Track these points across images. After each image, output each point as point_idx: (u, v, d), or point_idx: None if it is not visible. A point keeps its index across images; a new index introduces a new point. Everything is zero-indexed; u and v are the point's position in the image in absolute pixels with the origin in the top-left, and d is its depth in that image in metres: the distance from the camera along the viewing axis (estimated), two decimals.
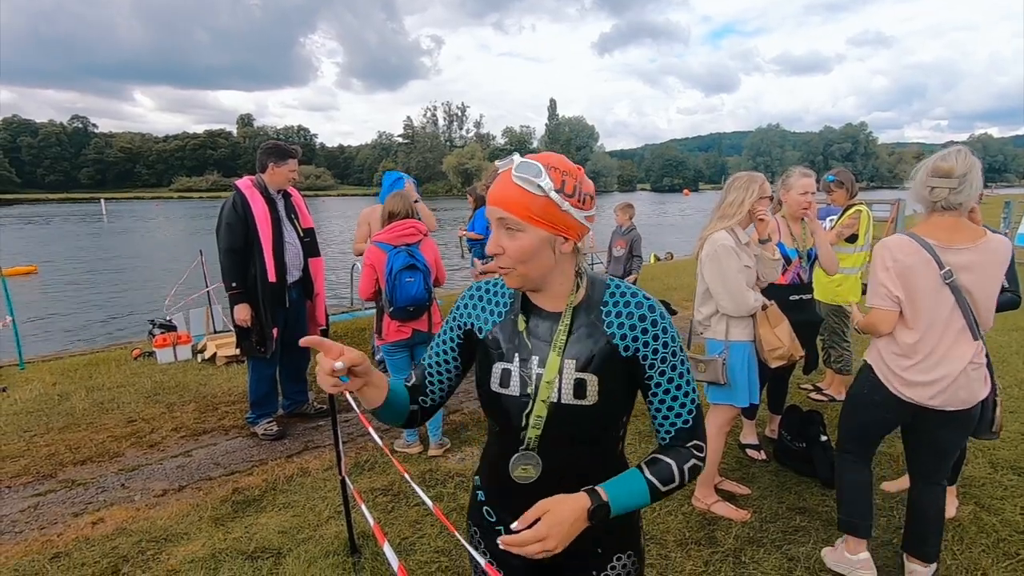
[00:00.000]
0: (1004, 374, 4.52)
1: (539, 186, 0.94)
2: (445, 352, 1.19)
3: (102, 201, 50.38)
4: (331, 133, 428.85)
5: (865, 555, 2.27)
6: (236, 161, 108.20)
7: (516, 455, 1.07)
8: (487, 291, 1.18)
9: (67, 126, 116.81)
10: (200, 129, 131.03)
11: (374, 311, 3.60)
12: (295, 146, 3.87)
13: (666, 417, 1.06)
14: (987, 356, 2.06)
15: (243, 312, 3.58)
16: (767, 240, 2.68)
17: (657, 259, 13.81)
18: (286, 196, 3.83)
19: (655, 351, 1.03)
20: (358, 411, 2.48)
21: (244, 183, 3.65)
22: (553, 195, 0.95)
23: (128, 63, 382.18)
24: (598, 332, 1.04)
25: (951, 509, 2.75)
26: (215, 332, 6.33)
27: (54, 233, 31.27)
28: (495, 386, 1.08)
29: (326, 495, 3.01)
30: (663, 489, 1.01)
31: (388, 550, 1.78)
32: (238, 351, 3.91)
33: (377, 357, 3.83)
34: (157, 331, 5.99)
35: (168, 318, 6.31)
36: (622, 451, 1.19)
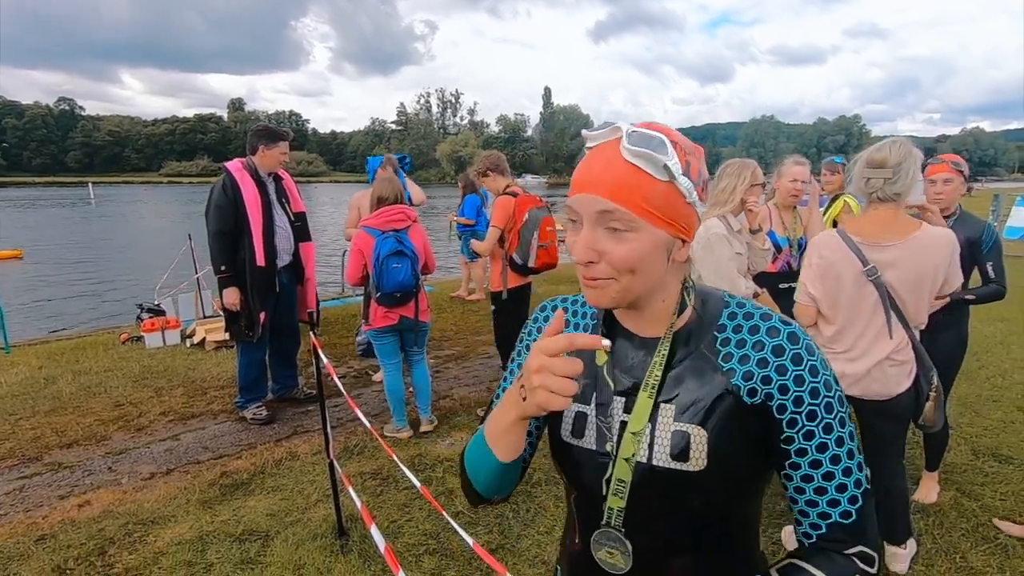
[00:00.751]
0: (987, 364, 4.58)
1: (665, 167, 0.67)
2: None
3: (90, 185, 49.77)
4: (323, 119, 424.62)
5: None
6: (227, 146, 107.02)
7: (596, 533, 0.78)
8: (564, 311, 0.86)
9: (54, 108, 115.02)
10: (190, 113, 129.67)
11: (362, 299, 3.59)
12: (286, 129, 3.82)
13: (812, 504, 0.73)
14: (918, 351, 2.06)
15: (232, 296, 3.56)
16: (757, 230, 2.69)
17: None
18: (277, 179, 3.79)
19: (798, 400, 0.70)
20: (347, 396, 2.48)
21: (234, 165, 3.61)
22: (681, 180, 0.68)
23: (116, 44, 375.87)
24: (709, 367, 0.73)
25: (932, 495, 2.80)
26: (204, 317, 6.29)
27: (41, 217, 30.85)
28: (566, 434, 0.81)
29: (315, 479, 3.01)
30: None
31: (375, 532, 1.79)
32: (227, 335, 3.89)
33: (359, 339, 3.76)
34: (145, 316, 5.94)
35: (157, 303, 6.26)
36: (762, 553, 0.85)
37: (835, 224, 3.93)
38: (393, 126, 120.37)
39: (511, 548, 2.49)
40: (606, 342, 0.64)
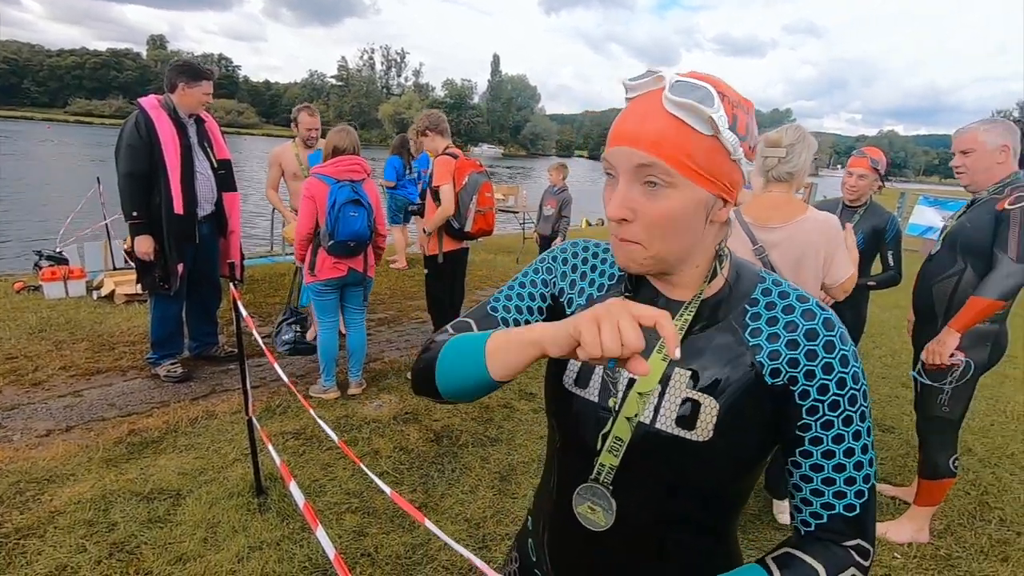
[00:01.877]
0: (881, 345, 5.04)
1: (711, 120, 0.62)
2: (528, 309, 0.84)
3: None
4: (256, 67, 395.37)
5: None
6: (145, 86, 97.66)
7: (582, 487, 0.76)
8: (594, 254, 0.84)
9: None
10: (102, 46, 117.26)
11: (292, 258, 3.42)
12: (211, 68, 3.53)
13: (818, 494, 0.70)
14: None
15: (145, 244, 3.30)
16: None
17: (588, 224, 14.08)
18: (199, 122, 3.52)
19: (823, 388, 0.67)
20: (269, 356, 2.39)
21: (149, 102, 3.31)
22: (726, 135, 0.63)
23: None
24: (734, 341, 0.70)
25: None
26: (114, 269, 5.83)
27: None
28: (568, 382, 0.78)
29: (233, 438, 2.91)
30: None
31: (294, 488, 1.76)
32: (139, 287, 3.63)
33: (285, 336, 3.53)
34: (45, 263, 5.43)
35: (58, 250, 5.73)
36: (736, 535, 0.83)
37: None
38: (333, 81, 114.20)
39: (434, 506, 2.52)
40: (678, 352, 0.56)
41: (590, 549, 0.78)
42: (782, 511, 2.56)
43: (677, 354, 0.56)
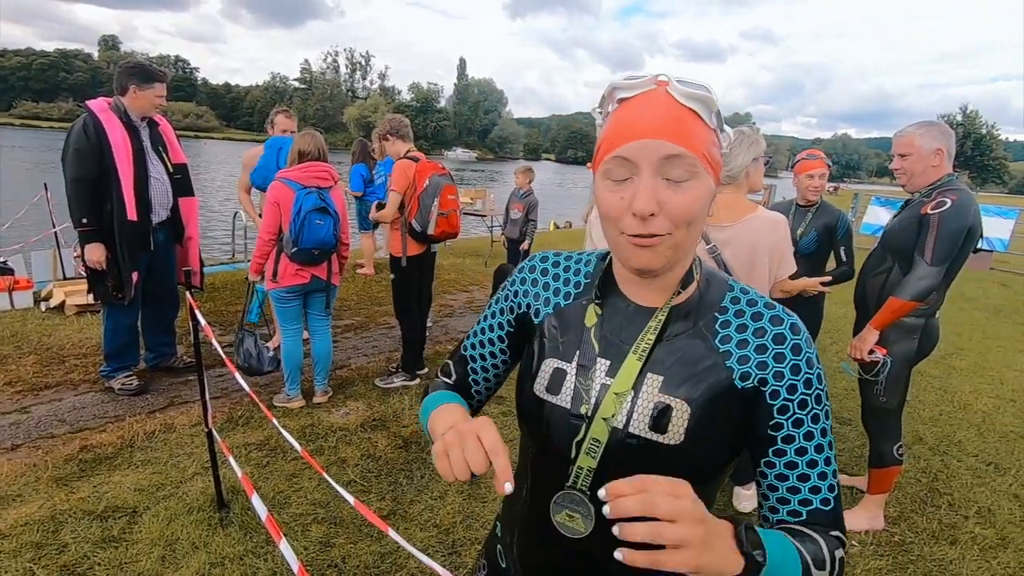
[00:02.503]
0: (838, 340, 5.22)
1: (717, 113, 0.67)
2: (492, 341, 0.89)
3: None
4: (216, 69, 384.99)
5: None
6: (97, 89, 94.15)
7: (559, 494, 0.75)
8: (555, 264, 0.85)
9: None
10: (50, 47, 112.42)
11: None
12: (164, 70, 3.42)
13: (794, 491, 0.70)
14: None
15: (96, 252, 3.17)
16: None
17: (556, 227, 14.17)
18: (152, 125, 3.41)
19: (792, 388, 0.70)
20: (230, 365, 2.32)
21: (98, 104, 3.19)
22: (727, 130, 0.70)
23: None
24: (705, 348, 0.72)
25: None
26: (65, 279, 5.58)
27: None
28: (540, 389, 0.78)
29: (192, 451, 2.81)
30: (814, 573, 0.64)
31: (257, 501, 1.71)
32: (91, 297, 3.48)
33: (260, 289, 3.39)
34: None
35: (2, 259, 5.45)
36: None
37: None
38: (296, 84, 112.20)
39: (403, 514, 2.49)
40: (508, 487, 0.59)
41: (568, 556, 0.78)
42: (742, 499, 2.63)
43: (508, 488, 0.59)
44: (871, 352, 2.36)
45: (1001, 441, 3.55)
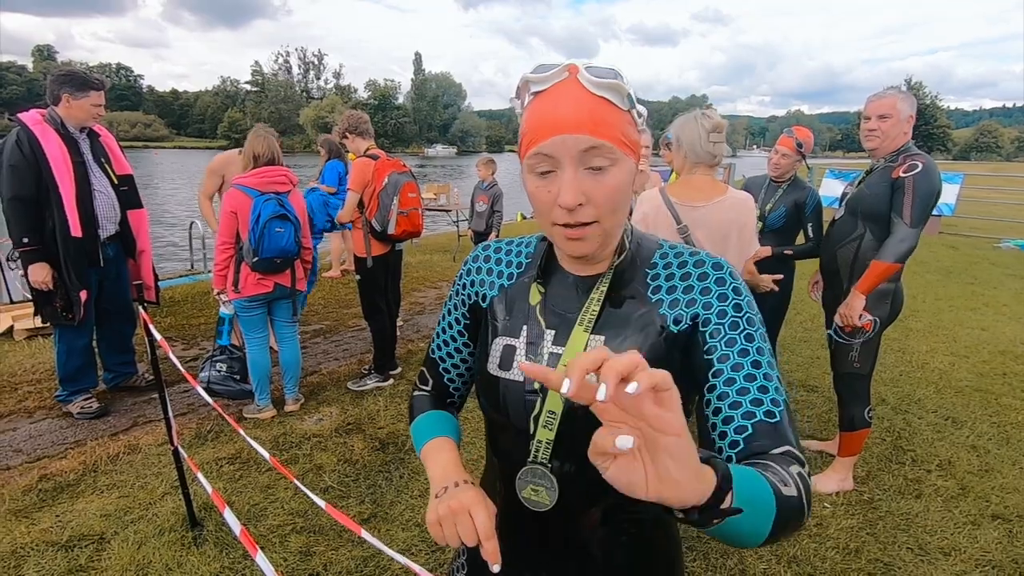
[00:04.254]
0: (802, 311, 5.37)
1: (629, 96, 0.68)
2: (453, 339, 0.92)
3: None
4: (161, 75, 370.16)
5: None
6: (35, 101, 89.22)
7: (522, 470, 0.77)
8: (496, 250, 0.90)
9: None
10: None
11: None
12: (99, 77, 3.26)
13: (736, 406, 0.68)
14: None
15: (40, 272, 3.02)
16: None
17: (524, 217, 14.17)
18: (93, 136, 3.25)
19: (721, 313, 0.72)
20: (191, 380, 2.24)
21: (31, 117, 3.02)
22: (638, 107, 0.71)
23: None
24: (639, 303, 0.75)
25: None
26: (11, 302, 5.32)
27: None
28: (493, 367, 0.81)
29: (160, 471, 2.72)
30: (784, 493, 0.58)
31: (229, 515, 1.66)
32: (38, 319, 3.32)
33: (203, 375, 3.35)
34: None
35: None
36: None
37: None
38: (248, 87, 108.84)
39: (384, 515, 2.46)
40: (496, 568, 0.66)
41: (537, 531, 0.80)
42: None
43: (496, 569, 0.65)
44: (861, 316, 2.41)
45: (957, 396, 3.72)
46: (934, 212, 2.44)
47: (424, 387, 0.97)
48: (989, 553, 2.28)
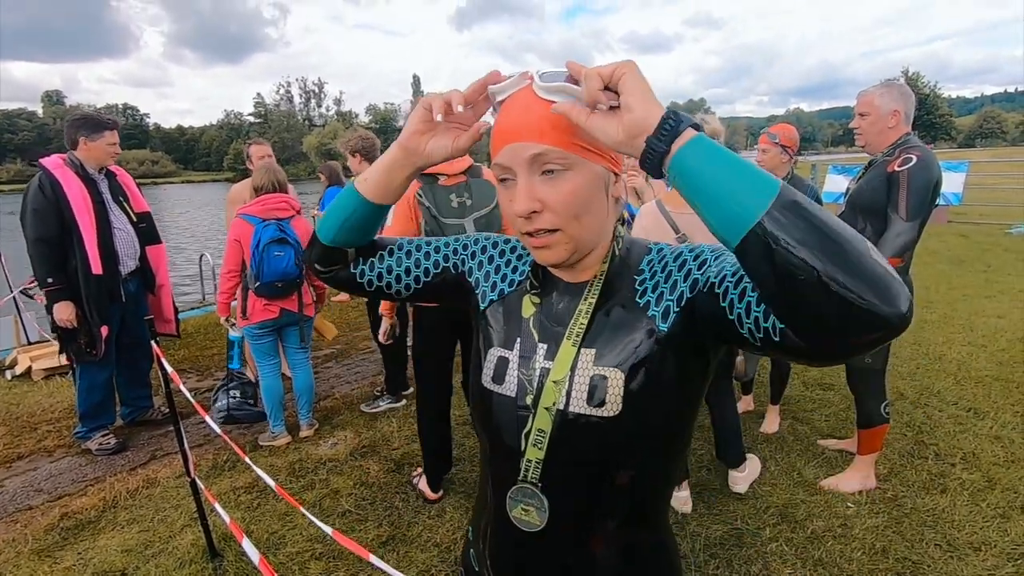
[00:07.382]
0: None
1: (579, 98, 0.64)
2: (427, 255, 0.87)
3: None
4: (166, 112, 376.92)
5: (685, 492, 2.53)
6: (46, 146, 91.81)
7: (512, 489, 0.76)
8: (511, 248, 0.86)
9: None
10: None
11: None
12: (112, 117, 3.36)
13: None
14: None
15: (65, 311, 3.08)
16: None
17: None
18: (110, 176, 3.35)
19: (702, 263, 0.70)
20: (201, 412, 2.26)
21: (52, 162, 3.12)
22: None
23: None
24: (627, 310, 0.72)
25: (774, 425, 3.20)
26: (29, 343, 5.40)
27: None
28: (487, 380, 0.79)
29: (179, 503, 2.74)
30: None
31: (248, 545, 1.67)
32: (62, 357, 3.37)
33: (219, 404, 3.39)
34: None
35: None
36: (667, 524, 0.82)
37: None
38: (251, 118, 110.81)
39: (402, 537, 2.45)
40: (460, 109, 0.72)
41: (528, 551, 0.78)
42: (736, 482, 2.64)
43: (460, 110, 0.71)
44: None
45: (977, 386, 3.65)
46: (940, 202, 2.43)
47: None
48: (1021, 546, 2.23)
